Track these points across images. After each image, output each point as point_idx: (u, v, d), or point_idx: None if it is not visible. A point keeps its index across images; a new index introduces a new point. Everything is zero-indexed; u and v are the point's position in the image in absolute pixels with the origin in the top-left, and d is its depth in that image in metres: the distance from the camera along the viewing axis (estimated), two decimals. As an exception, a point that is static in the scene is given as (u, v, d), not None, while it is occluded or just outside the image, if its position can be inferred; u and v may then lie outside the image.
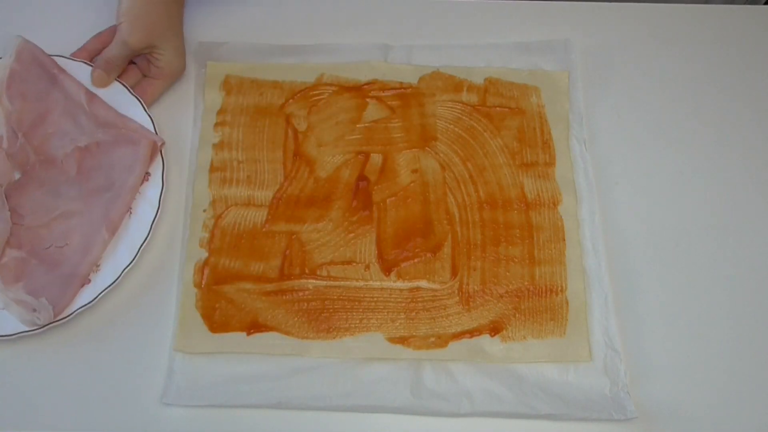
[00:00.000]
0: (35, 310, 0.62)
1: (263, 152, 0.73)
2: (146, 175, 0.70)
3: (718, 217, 0.72)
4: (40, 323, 0.62)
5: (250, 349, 0.65)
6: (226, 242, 0.69)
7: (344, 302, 0.66)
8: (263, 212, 0.70)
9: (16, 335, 0.62)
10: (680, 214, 0.72)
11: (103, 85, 0.72)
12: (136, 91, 0.73)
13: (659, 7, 0.84)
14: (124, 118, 0.71)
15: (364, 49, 0.79)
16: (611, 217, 0.72)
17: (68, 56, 0.73)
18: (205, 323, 0.65)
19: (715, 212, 0.72)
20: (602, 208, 0.72)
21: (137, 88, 0.74)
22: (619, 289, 0.68)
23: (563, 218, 0.71)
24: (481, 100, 0.76)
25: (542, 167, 0.73)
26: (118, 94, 0.72)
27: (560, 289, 0.68)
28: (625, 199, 0.73)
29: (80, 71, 0.72)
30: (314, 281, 0.67)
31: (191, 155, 0.73)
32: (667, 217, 0.72)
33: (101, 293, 0.64)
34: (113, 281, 0.65)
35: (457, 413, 0.63)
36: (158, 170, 0.70)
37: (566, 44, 0.79)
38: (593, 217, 0.71)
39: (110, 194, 0.68)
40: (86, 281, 0.65)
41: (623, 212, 0.72)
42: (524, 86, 0.77)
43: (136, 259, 0.66)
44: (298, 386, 0.63)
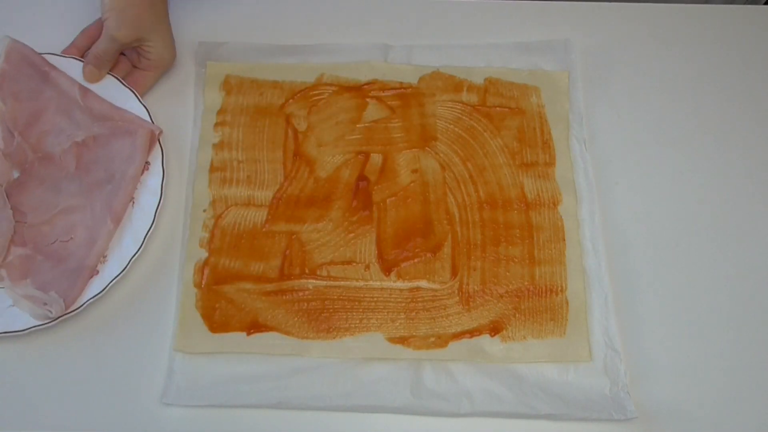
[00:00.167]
0: (46, 303, 0.62)
1: (263, 152, 0.73)
2: (146, 164, 0.70)
3: (718, 217, 0.72)
4: (52, 316, 0.62)
5: (250, 349, 0.65)
6: (226, 242, 0.69)
7: (344, 302, 0.66)
8: (263, 212, 0.70)
9: (27, 330, 0.63)
10: (680, 214, 0.72)
11: (94, 80, 0.72)
12: (128, 82, 0.73)
13: (659, 7, 0.84)
14: (119, 110, 0.71)
15: (364, 49, 0.79)
16: (611, 217, 0.72)
17: (59, 53, 0.73)
18: (205, 323, 0.65)
19: (715, 212, 0.72)
20: (602, 208, 0.72)
21: (129, 79, 0.74)
22: (619, 289, 0.68)
23: (563, 218, 0.71)
24: (481, 100, 0.76)
25: (542, 167, 0.73)
26: (111, 87, 0.73)
27: (560, 289, 0.68)
28: (625, 199, 0.73)
29: (72, 67, 0.73)
30: (314, 281, 0.67)
31: (191, 155, 0.73)
32: (667, 217, 0.72)
33: (110, 283, 0.65)
34: (121, 271, 0.65)
35: (457, 413, 0.63)
36: (157, 159, 0.70)
37: (566, 44, 0.79)
38: (593, 217, 0.71)
39: (111, 186, 0.68)
40: (94, 272, 0.65)
41: (623, 212, 0.72)
42: (524, 86, 0.77)
43: (142, 247, 0.66)
44: (298, 386, 0.63)
